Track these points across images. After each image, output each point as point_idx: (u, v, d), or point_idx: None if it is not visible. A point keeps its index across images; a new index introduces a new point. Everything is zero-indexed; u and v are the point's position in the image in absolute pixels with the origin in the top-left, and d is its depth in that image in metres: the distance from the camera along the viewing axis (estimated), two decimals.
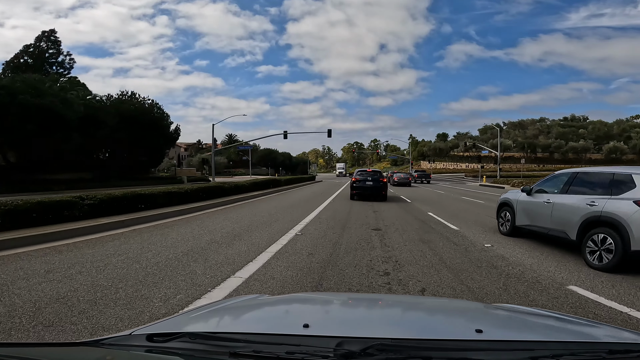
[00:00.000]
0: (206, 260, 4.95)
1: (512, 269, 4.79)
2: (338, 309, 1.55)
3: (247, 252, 5.45)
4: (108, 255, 5.05)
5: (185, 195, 11.38)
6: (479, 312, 1.51)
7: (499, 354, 0.92)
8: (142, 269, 4.40)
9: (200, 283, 3.93)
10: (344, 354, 0.84)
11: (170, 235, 6.79)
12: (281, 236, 6.88)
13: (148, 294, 3.51)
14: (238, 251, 5.53)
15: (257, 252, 5.50)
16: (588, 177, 5.51)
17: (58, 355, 0.96)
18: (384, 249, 5.90)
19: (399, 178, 30.09)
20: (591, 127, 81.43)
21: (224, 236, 6.77)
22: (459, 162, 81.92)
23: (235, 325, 1.26)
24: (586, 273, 4.61)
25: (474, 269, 4.77)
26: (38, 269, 4.28)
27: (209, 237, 6.60)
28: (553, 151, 75.96)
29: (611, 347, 0.96)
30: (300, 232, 7.40)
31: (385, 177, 17.17)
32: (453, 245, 6.33)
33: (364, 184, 15.70)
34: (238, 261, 4.92)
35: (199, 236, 6.71)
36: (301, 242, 6.33)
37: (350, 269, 4.60)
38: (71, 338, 2.54)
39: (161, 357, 0.92)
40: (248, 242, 6.26)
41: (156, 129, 34.14)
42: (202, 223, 8.36)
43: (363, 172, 16.67)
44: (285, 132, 39.68)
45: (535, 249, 6.08)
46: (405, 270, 4.60)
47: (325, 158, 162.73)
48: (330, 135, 38.55)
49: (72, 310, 3.07)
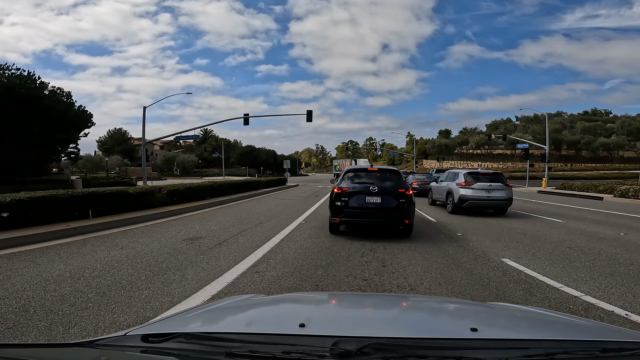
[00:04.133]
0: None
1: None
2: (334, 308, 1.51)
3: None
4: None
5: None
6: (474, 311, 1.46)
7: (493, 352, 0.90)
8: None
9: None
10: (340, 353, 0.83)
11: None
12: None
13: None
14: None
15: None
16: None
17: (52, 356, 0.95)
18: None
19: (419, 183, 18.08)
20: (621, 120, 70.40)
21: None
22: (469, 161, 70.16)
23: (231, 325, 1.22)
24: None
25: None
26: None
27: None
28: (581, 148, 64.71)
29: (605, 346, 0.95)
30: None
31: (406, 185, 7.33)
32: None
33: (363, 200, 6.80)
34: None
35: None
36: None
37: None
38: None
39: (156, 357, 0.91)
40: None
41: (39, 112, 21.89)
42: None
43: (359, 172, 7.59)
44: (246, 114, 27.64)
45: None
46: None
47: (319, 157, 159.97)
48: (311, 119, 26.77)
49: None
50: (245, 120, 28.18)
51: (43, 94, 23.97)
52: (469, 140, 73.88)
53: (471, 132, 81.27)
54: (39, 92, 23.59)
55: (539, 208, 13.20)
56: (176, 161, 74.39)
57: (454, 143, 76.73)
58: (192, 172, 69.98)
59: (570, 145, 65.58)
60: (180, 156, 76.66)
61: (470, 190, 11.00)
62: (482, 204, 11.13)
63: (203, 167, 76.21)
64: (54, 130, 23.81)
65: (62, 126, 24.42)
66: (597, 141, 63.98)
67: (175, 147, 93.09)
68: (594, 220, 9.83)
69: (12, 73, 23.05)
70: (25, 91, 22.69)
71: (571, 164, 61.98)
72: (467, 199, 10.95)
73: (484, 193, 10.95)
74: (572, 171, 54.57)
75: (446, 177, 12.86)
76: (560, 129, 68.96)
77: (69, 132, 25.68)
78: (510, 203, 11.19)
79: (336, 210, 6.80)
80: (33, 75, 25.00)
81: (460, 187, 11.17)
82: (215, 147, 76.34)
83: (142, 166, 27.06)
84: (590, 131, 68.30)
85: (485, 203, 11.09)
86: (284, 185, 28.55)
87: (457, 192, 11.22)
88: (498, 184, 11.02)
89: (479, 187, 10.97)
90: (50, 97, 23.90)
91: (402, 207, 6.68)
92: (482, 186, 10.96)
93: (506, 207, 11.27)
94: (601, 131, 68.09)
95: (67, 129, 25.08)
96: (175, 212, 9.86)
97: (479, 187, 10.97)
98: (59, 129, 24.26)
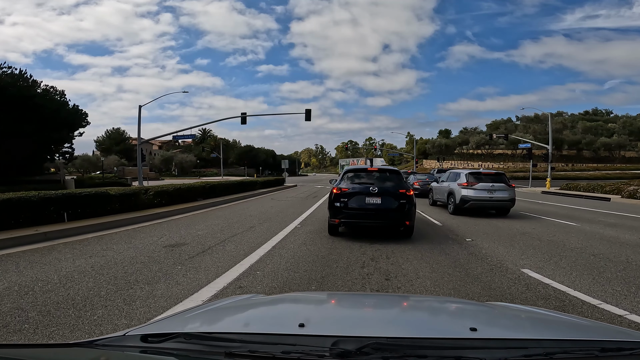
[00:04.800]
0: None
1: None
2: (333, 308, 1.50)
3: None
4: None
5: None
6: (473, 311, 1.44)
7: (493, 352, 0.88)
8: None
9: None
10: (340, 353, 0.82)
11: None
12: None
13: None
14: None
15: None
16: None
17: (51, 356, 0.94)
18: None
19: (421, 183, 17.46)
20: (622, 120, 69.84)
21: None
22: (469, 161, 69.59)
23: (231, 325, 1.21)
24: None
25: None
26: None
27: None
28: (582, 148, 64.12)
29: (604, 345, 0.94)
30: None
31: (407, 186, 7.06)
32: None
33: (363, 200, 6.57)
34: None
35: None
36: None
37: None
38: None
39: (156, 357, 0.90)
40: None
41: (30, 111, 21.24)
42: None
43: (359, 172, 7.32)
44: (244, 113, 27.06)
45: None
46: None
47: (319, 157, 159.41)
48: (309, 117, 26.23)
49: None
50: (243, 119, 27.62)
51: (35, 92, 23.32)
52: (470, 140, 73.28)
53: (471, 132, 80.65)
54: (31, 91, 22.95)
55: (547, 210, 12.60)
56: (174, 161, 73.81)
57: (454, 143, 76.15)
58: (191, 172, 69.40)
59: (571, 145, 65.00)
60: (178, 156, 76.09)
61: (472, 190, 10.51)
62: (485, 205, 10.62)
63: (202, 167, 75.66)
64: (46, 130, 23.14)
65: (55, 125, 23.71)
66: (598, 141, 63.42)
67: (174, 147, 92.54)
68: (609, 223, 9.23)
69: (3, 72, 22.40)
70: (16, 90, 22.06)
71: (572, 164, 61.42)
72: (469, 199, 10.45)
73: (486, 194, 10.46)
74: (574, 171, 53.95)
75: (447, 178, 12.39)
76: (561, 128, 68.40)
77: (62, 131, 24.94)
78: (513, 204, 10.72)
79: (335, 211, 6.60)
80: (25, 74, 24.38)
81: (462, 187, 10.69)
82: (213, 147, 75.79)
83: (138, 166, 26.44)
84: (592, 131, 67.79)
85: (487, 204, 10.59)
86: (281, 186, 27.93)
87: (458, 193, 10.73)
88: (501, 185, 10.57)
89: (481, 187, 10.48)
90: (42, 96, 23.24)
91: (402, 208, 6.48)
92: (484, 186, 10.48)
93: (509, 208, 10.80)
94: (602, 131, 67.56)
95: (59, 128, 24.35)
96: (163, 214, 9.25)
97: (481, 188, 10.48)
98: (52, 128, 23.56)
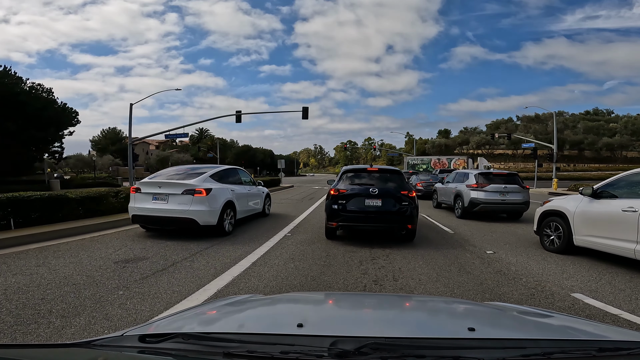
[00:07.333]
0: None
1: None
2: (332, 308, 1.50)
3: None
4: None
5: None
6: (471, 311, 1.45)
7: (491, 352, 0.89)
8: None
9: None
10: (338, 353, 0.82)
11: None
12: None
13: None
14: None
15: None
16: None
17: (50, 356, 0.93)
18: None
19: (424, 184, 16.48)
20: (624, 120, 69.13)
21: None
22: None
23: (229, 325, 1.21)
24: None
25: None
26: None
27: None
28: (584, 148, 63.42)
29: (601, 345, 0.94)
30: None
31: (409, 187, 6.48)
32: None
33: (362, 202, 6.15)
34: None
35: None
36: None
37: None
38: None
39: (154, 358, 0.89)
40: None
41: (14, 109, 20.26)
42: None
43: (358, 172, 6.71)
44: (239, 111, 26.13)
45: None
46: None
47: (318, 158, 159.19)
48: (307, 116, 25.25)
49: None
50: (238, 117, 26.66)
51: (19, 89, 22.36)
52: (470, 140, 72.61)
53: (471, 131, 79.96)
54: (15, 88, 21.99)
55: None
56: (170, 161, 72.86)
57: (454, 143, 75.43)
58: None
59: (572, 145, 64.35)
60: (174, 156, 75.16)
61: (483, 192, 9.57)
62: (496, 209, 9.69)
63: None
64: (31, 128, 22.19)
65: (40, 124, 22.70)
66: (600, 141, 62.74)
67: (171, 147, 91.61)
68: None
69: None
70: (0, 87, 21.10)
71: (574, 164, 60.73)
72: (479, 202, 9.53)
73: (498, 196, 9.51)
74: (577, 171, 53.25)
75: (453, 179, 11.49)
76: (562, 128, 67.67)
77: (48, 130, 23.91)
78: (527, 207, 9.78)
79: (333, 214, 6.17)
80: (9, 71, 23.44)
81: (471, 189, 9.76)
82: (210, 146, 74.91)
83: (129, 166, 25.47)
84: (593, 131, 67.12)
85: (499, 207, 9.65)
86: (277, 187, 26.95)
87: (467, 195, 9.81)
88: (514, 186, 9.63)
89: (492, 189, 9.54)
90: (27, 93, 22.27)
91: (404, 210, 6.06)
92: (495, 188, 9.53)
93: (523, 211, 9.87)
94: (604, 131, 66.90)
95: (45, 126, 23.34)
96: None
97: (493, 190, 9.53)
98: (36, 127, 22.59)
